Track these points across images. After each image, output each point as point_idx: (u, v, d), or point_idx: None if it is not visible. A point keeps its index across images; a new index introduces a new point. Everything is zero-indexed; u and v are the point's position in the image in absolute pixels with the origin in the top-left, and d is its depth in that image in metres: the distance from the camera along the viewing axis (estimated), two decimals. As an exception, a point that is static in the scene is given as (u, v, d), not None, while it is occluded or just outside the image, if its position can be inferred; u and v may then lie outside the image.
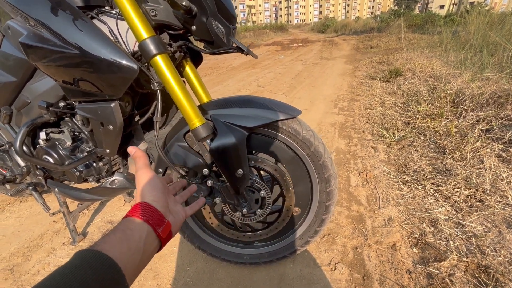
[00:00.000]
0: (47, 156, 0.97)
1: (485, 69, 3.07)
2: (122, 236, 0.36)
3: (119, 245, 0.34)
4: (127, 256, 0.34)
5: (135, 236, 0.36)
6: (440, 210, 1.29)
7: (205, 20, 0.73)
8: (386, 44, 8.17)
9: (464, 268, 0.99)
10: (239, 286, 1.01)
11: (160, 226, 0.40)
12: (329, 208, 0.94)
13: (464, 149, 1.70)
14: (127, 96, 0.82)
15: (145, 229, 0.38)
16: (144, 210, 0.40)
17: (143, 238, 0.37)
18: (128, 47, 0.77)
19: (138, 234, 0.37)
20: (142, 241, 0.37)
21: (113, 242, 0.34)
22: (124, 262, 0.33)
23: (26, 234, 1.38)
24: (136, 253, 0.35)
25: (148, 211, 0.40)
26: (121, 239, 0.35)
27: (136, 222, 0.38)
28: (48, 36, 0.70)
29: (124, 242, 0.35)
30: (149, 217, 0.39)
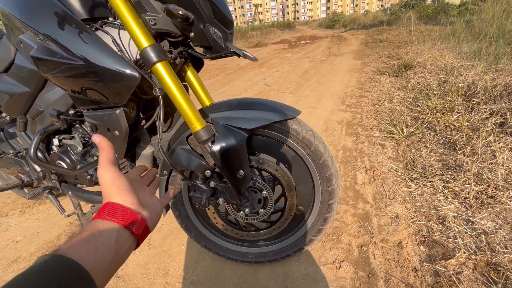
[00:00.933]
0: (60, 161, 1.02)
1: (501, 60, 2.95)
2: (89, 236, 0.34)
3: (85, 246, 0.33)
4: (95, 256, 0.33)
5: (103, 236, 0.35)
6: (449, 207, 1.26)
7: (202, 26, 0.75)
8: (396, 38, 7.97)
9: (472, 266, 0.97)
10: (244, 284, 1.04)
11: (134, 224, 0.39)
12: (331, 207, 0.94)
13: (476, 144, 1.65)
14: (131, 102, 0.85)
15: (115, 229, 0.37)
16: (113, 210, 0.38)
17: (114, 238, 0.36)
18: (131, 56, 0.80)
19: (107, 234, 0.36)
20: (112, 241, 0.36)
21: (78, 244, 0.33)
22: (91, 263, 0.32)
23: (44, 235, 1.45)
24: (106, 252, 0.34)
25: (118, 211, 0.39)
26: (88, 240, 0.34)
27: (104, 224, 0.37)
28: (56, 49, 0.74)
29: (91, 242, 0.34)
30: (119, 216, 0.38)
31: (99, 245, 0.34)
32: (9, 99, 1.02)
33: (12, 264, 1.27)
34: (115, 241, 0.36)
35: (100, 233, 0.35)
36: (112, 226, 0.37)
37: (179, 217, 1.06)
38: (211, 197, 0.90)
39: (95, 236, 0.35)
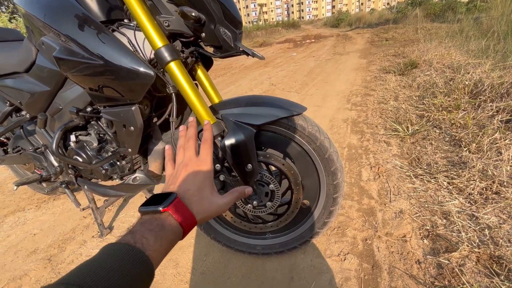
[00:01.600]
0: (77, 156, 1.08)
1: (508, 58, 2.93)
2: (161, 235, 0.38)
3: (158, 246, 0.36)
4: (160, 256, 0.37)
5: (169, 237, 0.38)
6: (453, 202, 1.28)
7: (213, 27, 0.79)
8: (402, 36, 7.91)
9: (475, 258, 0.99)
10: (252, 275, 1.08)
11: (190, 229, 0.42)
12: (336, 200, 0.98)
13: (481, 141, 1.66)
14: (146, 100, 0.90)
15: (180, 232, 0.40)
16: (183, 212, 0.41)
17: (176, 240, 0.40)
18: (145, 55, 0.85)
19: (173, 236, 0.39)
20: (174, 242, 0.39)
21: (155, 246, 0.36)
22: (156, 262, 0.36)
23: (60, 228, 1.52)
24: (166, 251, 0.39)
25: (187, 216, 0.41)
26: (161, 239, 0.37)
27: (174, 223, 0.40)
28: (76, 49, 0.79)
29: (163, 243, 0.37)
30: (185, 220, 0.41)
31: (166, 247, 0.38)
32: (30, 98, 1.08)
33: (30, 255, 1.34)
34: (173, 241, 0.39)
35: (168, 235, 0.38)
36: (178, 229, 0.40)
37: (189, 210, 1.10)
38: (220, 190, 0.95)
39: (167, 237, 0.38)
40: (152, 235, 0.36)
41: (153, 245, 0.35)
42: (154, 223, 0.38)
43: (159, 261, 0.37)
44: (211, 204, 0.45)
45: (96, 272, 0.29)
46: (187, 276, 1.11)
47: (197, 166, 0.47)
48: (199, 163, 0.48)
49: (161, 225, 0.38)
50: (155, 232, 0.37)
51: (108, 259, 0.32)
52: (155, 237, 0.36)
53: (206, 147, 0.50)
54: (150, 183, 1.11)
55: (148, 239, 0.36)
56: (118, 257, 0.32)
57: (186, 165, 0.47)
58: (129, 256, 0.33)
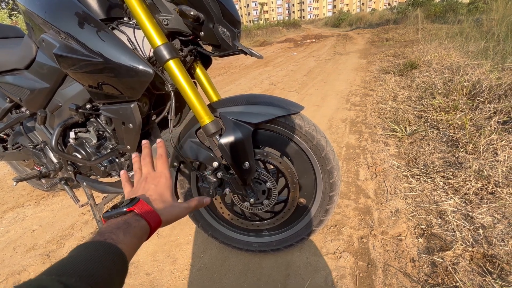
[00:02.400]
0: (76, 153, 1.09)
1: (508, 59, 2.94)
2: (131, 233, 0.41)
3: (129, 241, 0.39)
4: (133, 249, 0.40)
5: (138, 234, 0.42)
6: (449, 202, 1.29)
7: (212, 26, 0.80)
8: (403, 36, 7.91)
9: (469, 257, 1.00)
10: (249, 272, 1.09)
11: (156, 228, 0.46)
12: (332, 199, 0.99)
13: (478, 142, 1.67)
14: (144, 97, 0.91)
15: (147, 230, 0.44)
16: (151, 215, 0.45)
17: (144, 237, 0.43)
18: (144, 53, 0.86)
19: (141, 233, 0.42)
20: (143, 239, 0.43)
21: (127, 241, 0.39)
22: (130, 254, 0.39)
23: (59, 224, 1.53)
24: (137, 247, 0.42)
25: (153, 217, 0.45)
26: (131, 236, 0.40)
27: (143, 224, 0.43)
28: (76, 47, 0.80)
29: (133, 239, 0.40)
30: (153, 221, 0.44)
31: (137, 242, 0.41)
32: (29, 94, 1.09)
33: (29, 251, 1.35)
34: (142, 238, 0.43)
35: (138, 232, 0.42)
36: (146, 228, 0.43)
37: (187, 207, 1.11)
38: (218, 188, 0.96)
39: (137, 234, 0.41)
40: (120, 231, 0.39)
41: (123, 239, 0.38)
42: (120, 222, 0.41)
43: (131, 255, 0.39)
44: (173, 207, 0.50)
45: (77, 264, 0.32)
46: (184, 273, 1.12)
47: (156, 178, 0.52)
48: (158, 175, 0.53)
49: (127, 223, 0.41)
50: (123, 229, 0.40)
51: (85, 253, 0.34)
52: (123, 233, 0.39)
53: (162, 161, 0.55)
54: (148, 180, 1.12)
55: (117, 235, 0.38)
56: (93, 249, 0.35)
57: (146, 179, 0.53)
58: (103, 248, 0.35)
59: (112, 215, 0.43)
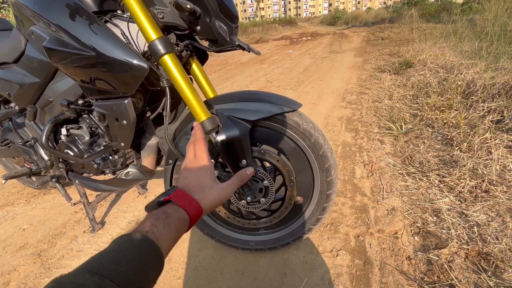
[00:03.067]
0: (68, 150, 1.06)
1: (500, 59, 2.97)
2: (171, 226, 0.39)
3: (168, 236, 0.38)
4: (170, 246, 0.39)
5: (177, 226, 0.40)
6: (444, 200, 1.30)
7: (209, 20, 0.78)
8: (398, 35, 7.96)
9: (464, 255, 1.01)
10: (245, 271, 1.08)
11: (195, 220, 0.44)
12: (330, 197, 0.98)
13: (472, 141, 1.69)
14: (139, 93, 0.88)
15: (187, 221, 0.42)
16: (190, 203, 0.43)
17: (183, 229, 0.42)
18: (139, 48, 0.83)
19: (180, 225, 0.41)
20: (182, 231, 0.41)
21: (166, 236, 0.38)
22: (166, 252, 0.38)
23: (50, 223, 1.49)
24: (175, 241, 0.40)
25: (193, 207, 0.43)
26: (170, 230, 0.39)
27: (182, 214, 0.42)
28: (67, 40, 0.77)
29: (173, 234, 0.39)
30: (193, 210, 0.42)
31: (175, 236, 0.40)
32: (19, 89, 1.05)
33: (20, 250, 1.31)
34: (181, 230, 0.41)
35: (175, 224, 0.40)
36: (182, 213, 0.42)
37: (182, 205, 1.10)
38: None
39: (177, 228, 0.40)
40: (160, 223, 0.38)
41: (163, 233, 0.37)
42: (160, 213, 0.40)
43: (168, 249, 0.39)
44: (213, 189, 0.47)
45: (117, 262, 0.31)
46: (180, 272, 1.11)
47: (195, 164, 0.51)
48: (196, 161, 0.51)
49: (166, 213, 0.40)
50: (163, 220, 0.39)
51: (125, 249, 0.34)
52: (163, 225, 0.38)
53: (200, 145, 0.54)
54: (143, 178, 1.10)
55: (157, 227, 0.38)
56: (134, 246, 0.34)
57: (186, 166, 0.52)
58: (143, 246, 0.35)
59: (151, 206, 0.43)
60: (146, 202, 1.58)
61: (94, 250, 1.26)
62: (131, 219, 1.45)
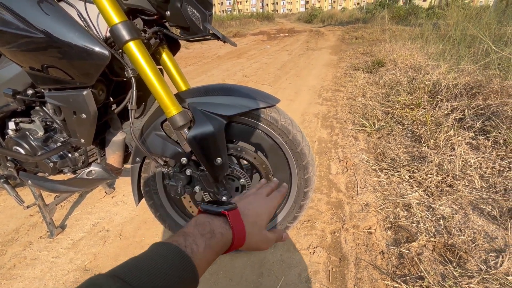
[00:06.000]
0: (17, 146, 0.93)
1: (462, 61, 3.19)
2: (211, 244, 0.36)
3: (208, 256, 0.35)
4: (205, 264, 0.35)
5: (219, 244, 0.37)
6: (414, 195, 1.36)
7: (180, 5, 0.71)
8: (371, 35, 8.27)
9: (432, 247, 1.06)
10: (220, 272, 1.04)
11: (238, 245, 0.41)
12: (307, 195, 0.97)
13: (438, 138, 1.78)
14: (100, 83, 0.79)
15: (228, 242, 0.39)
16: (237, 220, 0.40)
17: (222, 249, 0.38)
18: (100, 33, 0.74)
19: (222, 244, 0.38)
20: (220, 252, 0.38)
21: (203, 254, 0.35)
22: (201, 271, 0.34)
23: (0, 228, 1.33)
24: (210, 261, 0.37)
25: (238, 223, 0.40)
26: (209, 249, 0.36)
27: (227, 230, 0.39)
28: (10, 19, 0.66)
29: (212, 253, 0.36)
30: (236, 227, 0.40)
31: (213, 256, 0.37)
32: (-47, 76, 0.90)
33: (-39, 261, 1.15)
34: (220, 252, 0.38)
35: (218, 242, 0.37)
36: (228, 235, 0.39)
37: (152, 206, 1.02)
38: (187, 185, 0.88)
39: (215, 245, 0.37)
40: (202, 242, 0.36)
41: (202, 252, 0.35)
42: (207, 228, 0.38)
43: (204, 270, 0.36)
44: (261, 233, 0.45)
45: (147, 272, 0.29)
46: (150, 277, 1.03)
47: (264, 200, 0.50)
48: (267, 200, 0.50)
49: (212, 232, 0.38)
50: (206, 239, 0.36)
51: (159, 259, 0.31)
52: (205, 245, 0.36)
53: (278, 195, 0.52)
54: (108, 178, 1.00)
55: (198, 246, 0.35)
56: (169, 259, 0.32)
57: (255, 194, 0.51)
58: (179, 261, 0.32)
59: (209, 210, 0.41)
60: (114, 202, 1.47)
61: (52, 257, 1.14)
62: (96, 221, 1.34)
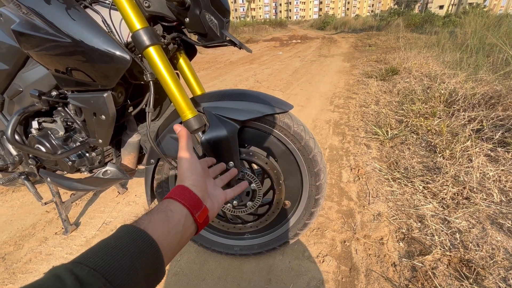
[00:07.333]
0: (39, 145, 0.97)
1: (480, 70, 3.11)
2: (163, 217, 0.36)
3: (161, 227, 0.35)
4: (167, 238, 0.35)
5: (175, 218, 0.37)
6: (428, 206, 1.32)
7: (199, 12, 0.73)
8: (385, 43, 8.19)
9: (447, 261, 1.02)
10: (229, 277, 1.03)
11: (198, 211, 0.40)
12: (318, 202, 0.96)
13: (454, 148, 1.73)
14: (120, 86, 0.82)
15: (184, 213, 0.39)
16: (183, 193, 0.41)
17: (182, 221, 0.38)
18: (122, 38, 0.77)
19: (177, 216, 0.38)
20: (181, 224, 0.37)
21: (156, 223, 0.35)
22: (163, 245, 0.34)
23: (18, 223, 1.38)
24: (175, 235, 0.36)
25: (187, 195, 0.41)
26: (163, 220, 0.36)
27: (176, 205, 0.39)
28: (40, 24, 0.70)
29: (165, 223, 0.36)
30: (188, 201, 0.40)
31: (171, 227, 0.36)
32: (-16, 77, 0.95)
33: (-19, 253, 1.20)
34: (182, 225, 0.38)
35: (173, 215, 0.37)
36: (181, 209, 0.39)
37: (164, 207, 1.04)
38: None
39: (169, 218, 0.37)
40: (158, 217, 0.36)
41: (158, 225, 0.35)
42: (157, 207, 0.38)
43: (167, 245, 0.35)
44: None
45: (99, 251, 0.29)
46: (159, 278, 1.04)
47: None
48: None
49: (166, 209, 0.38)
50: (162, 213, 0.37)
51: (113, 238, 0.32)
52: (162, 219, 0.36)
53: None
54: (122, 178, 1.03)
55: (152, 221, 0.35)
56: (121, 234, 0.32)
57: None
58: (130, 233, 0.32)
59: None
60: (126, 202, 1.50)
61: (66, 253, 1.17)
62: (109, 220, 1.37)
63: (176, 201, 0.39)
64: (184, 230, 0.38)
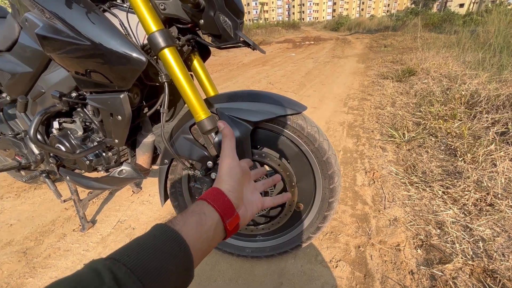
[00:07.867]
0: (59, 144, 1.00)
1: (504, 70, 2.96)
2: (197, 220, 0.36)
3: (194, 231, 0.35)
4: (198, 243, 0.35)
5: (207, 223, 0.37)
6: (448, 212, 1.26)
7: (213, 14, 0.74)
8: (401, 44, 7.98)
9: (469, 271, 0.97)
10: (240, 279, 1.03)
11: (229, 218, 0.40)
12: (331, 205, 0.94)
13: (477, 152, 1.65)
14: (136, 88, 0.84)
15: (216, 219, 0.38)
16: (218, 198, 0.40)
17: (213, 227, 0.37)
18: (138, 40, 0.79)
19: (210, 222, 0.37)
20: (212, 230, 0.37)
21: (190, 226, 0.35)
22: (195, 249, 0.33)
23: (39, 219, 1.44)
24: (206, 240, 0.36)
25: (221, 200, 0.40)
26: (197, 224, 0.36)
27: (209, 209, 0.38)
28: (62, 28, 0.73)
29: (198, 227, 0.36)
30: (221, 206, 0.39)
31: (203, 232, 0.36)
32: (10, 79, 1.00)
33: (5, 247, 1.25)
34: (213, 230, 0.37)
35: (206, 219, 0.37)
36: (213, 214, 0.38)
37: (177, 207, 1.05)
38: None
39: (202, 222, 0.37)
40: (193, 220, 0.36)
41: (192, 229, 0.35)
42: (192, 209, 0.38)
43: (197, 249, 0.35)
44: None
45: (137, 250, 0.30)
46: (171, 277, 1.05)
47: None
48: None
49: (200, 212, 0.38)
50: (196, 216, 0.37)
51: (150, 237, 0.32)
52: (195, 222, 0.36)
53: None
54: (137, 177, 1.05)
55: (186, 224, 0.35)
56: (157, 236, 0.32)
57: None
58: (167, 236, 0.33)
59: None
60: (140, 201, 1.53)
61: (83, 250, 1.21)
62: (123, 218, 1.40)
63: (209, 205, 0.39)
64: (214, 235, 0.37)
